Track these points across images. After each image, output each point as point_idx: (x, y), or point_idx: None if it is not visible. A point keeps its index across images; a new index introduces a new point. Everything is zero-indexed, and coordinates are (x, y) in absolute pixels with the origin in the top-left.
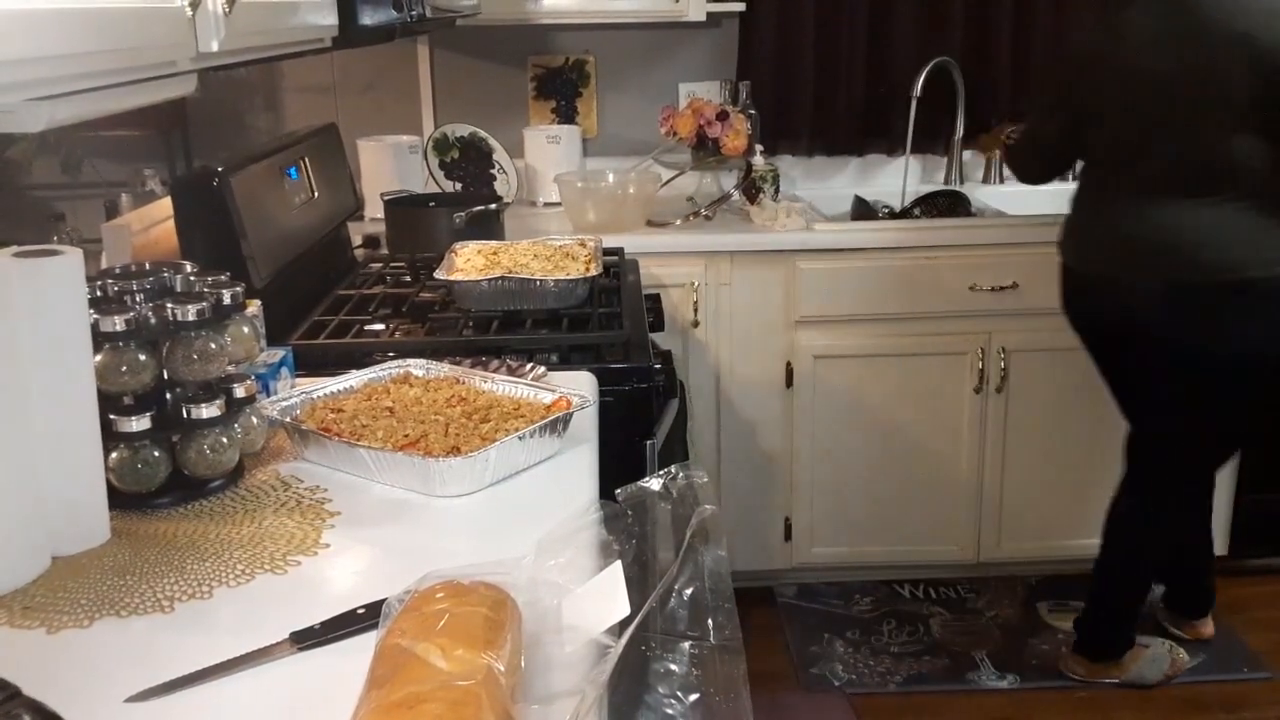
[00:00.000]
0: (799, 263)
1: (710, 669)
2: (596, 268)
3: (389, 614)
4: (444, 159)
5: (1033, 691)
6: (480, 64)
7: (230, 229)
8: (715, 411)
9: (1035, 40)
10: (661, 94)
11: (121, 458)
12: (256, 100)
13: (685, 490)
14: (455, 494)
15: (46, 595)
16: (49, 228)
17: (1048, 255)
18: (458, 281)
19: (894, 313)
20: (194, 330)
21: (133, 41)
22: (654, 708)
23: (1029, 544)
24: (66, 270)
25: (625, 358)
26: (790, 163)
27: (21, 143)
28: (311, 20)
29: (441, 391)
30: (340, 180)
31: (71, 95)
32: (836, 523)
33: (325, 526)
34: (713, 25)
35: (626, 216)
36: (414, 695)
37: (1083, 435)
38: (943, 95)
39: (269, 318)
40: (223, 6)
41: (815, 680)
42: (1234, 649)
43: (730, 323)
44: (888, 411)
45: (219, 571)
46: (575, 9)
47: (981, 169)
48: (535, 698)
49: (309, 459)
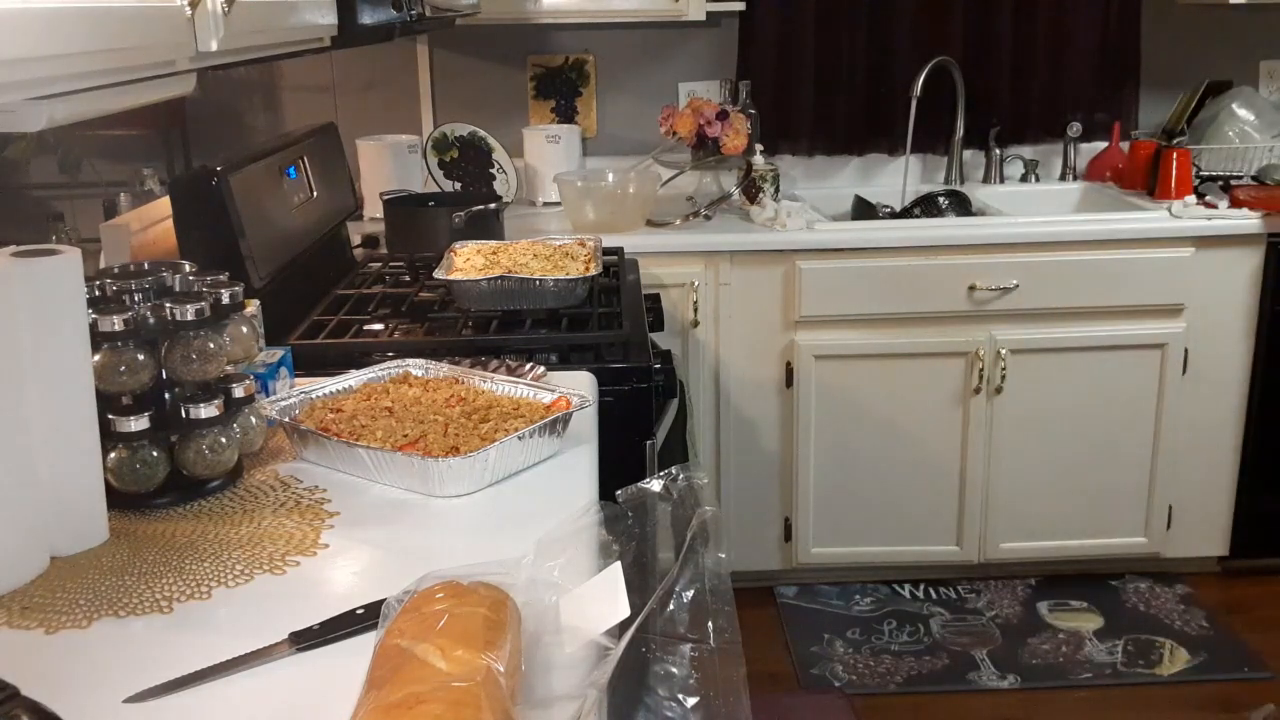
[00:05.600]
0: (799, 263)
1: (710, 672)
2: (596, 267)
3: (388, 614)
4: (443, 158)
5: (1033, 691)
6: (480, 63)
7: (229, 228)
8: (715, 411)
9: (1035, 40)
10: (661, 94)
11: (120, 458)
12: (255, 100)
13: (686, 492)
14: (454, 494)
15: (45, 595)
16: (47, 227)
17: (1048, 255)
18: (457, 281)
19: (894, 313)
20: (193, 330)
21: (132, 41)
22: (654, 710)
23: (1029, 544)
24: (65, 270)
25: (625, 357)
26: (790, 162)
27: (20, 142)
28: (311, 20)
29: (441, 391)
30: (339, 180)
31: (70, 94)
32: (836, 523)
33: (324, 527)
34: (713, 25)
35: (626, 216)
36: (413, 696)
37: (1082, 435)
38: (943, 95)
39: (268, 317)
40: (222, 6)
41: (815, 680)
42: (1234, 649)
43: (730, 322)
44: (888, 411)
45: (218, 572)
46: (575, 8)
47: (981, 169)
48: (535, 699)
49: (308, 459)
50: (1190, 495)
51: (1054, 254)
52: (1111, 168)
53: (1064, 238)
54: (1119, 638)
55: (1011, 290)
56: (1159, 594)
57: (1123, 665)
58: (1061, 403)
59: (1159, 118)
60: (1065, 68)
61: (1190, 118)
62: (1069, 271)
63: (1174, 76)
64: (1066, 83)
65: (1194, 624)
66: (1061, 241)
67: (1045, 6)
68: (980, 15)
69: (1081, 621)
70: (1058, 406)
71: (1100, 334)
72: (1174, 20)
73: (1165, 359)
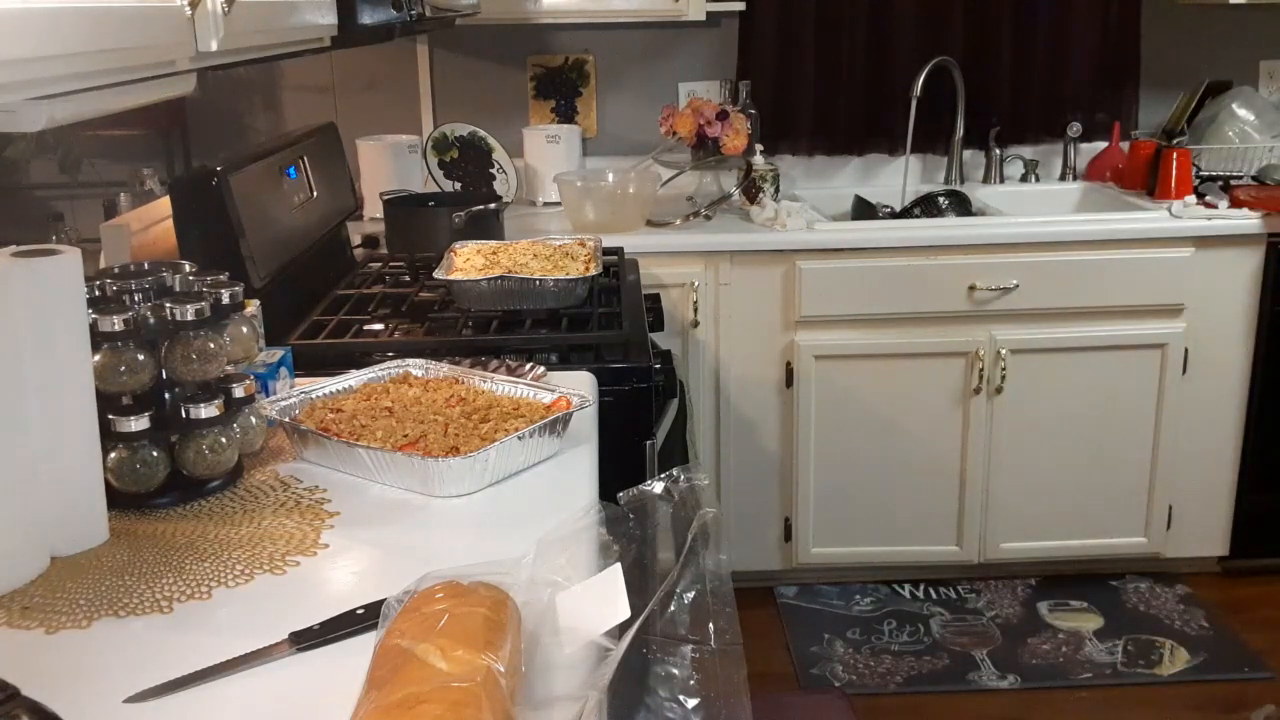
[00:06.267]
0: (799, 262)
1: (711, 673)
2: (596, 267)
3: (388, 614)
4: (443, 158)
5: (1033, 691)
6: (480, 64)
7: (229, 229)
8: (715, 412)
9: (1035, 40)
10: (661, 94)
11: (120, 458)
12: (255, 100)
13: (686, 493)
14: (454, 494)
15: (45, 595)
16: (48, 227)
17: (1048, 255)
18: (457, 281)
19: (894, 313)
20: (193, 330)
21: (132, 41)
22: (655, 711)
23: (1029, 544)
24: (65, 270)
25: (625, 357)
26: (790, 163)
27: (20, 142)
28: (311, 20)
29: (441, 391)
30: (339, 180)
31: (70, 95)
32: (836, 523)
33: (324, 527)
34: (713, 25)
35: (626, 216)
36: (413, 696)
37: (1082, 435)
38: (943, 95)
39: (268, 317)
40: (222, 6)
41: (815, 680)
42: (1234, 649)
43: (730, 322)
44: (888, 411)
45: (218, 572)
46: (575, 8)
47: (981, 169)
48: (535, 700)
49: (308, 459)
50: (1190, 495)
51: (1054, 254)
52: (1111, 168)
53: (1064, 238)
54: (1119, 638)
55: (1011, 290)
56: (1159, 594)
57: (1123, 665)
58: (1061, 403)
59: (1159, 118)
60: (1065, 68)
61: (1190, 118)
62: (1069, 271)
63: (1174, 76)
64: (1066, 83)
65: (1194, 624)
66: (1061, 241)
67: (1045, 6)
68: (980, 15)
69: (1081, 621)
70: (1058, 406)
71: (1100, 334)
72: (1174, 20)
73: (1165, 359)
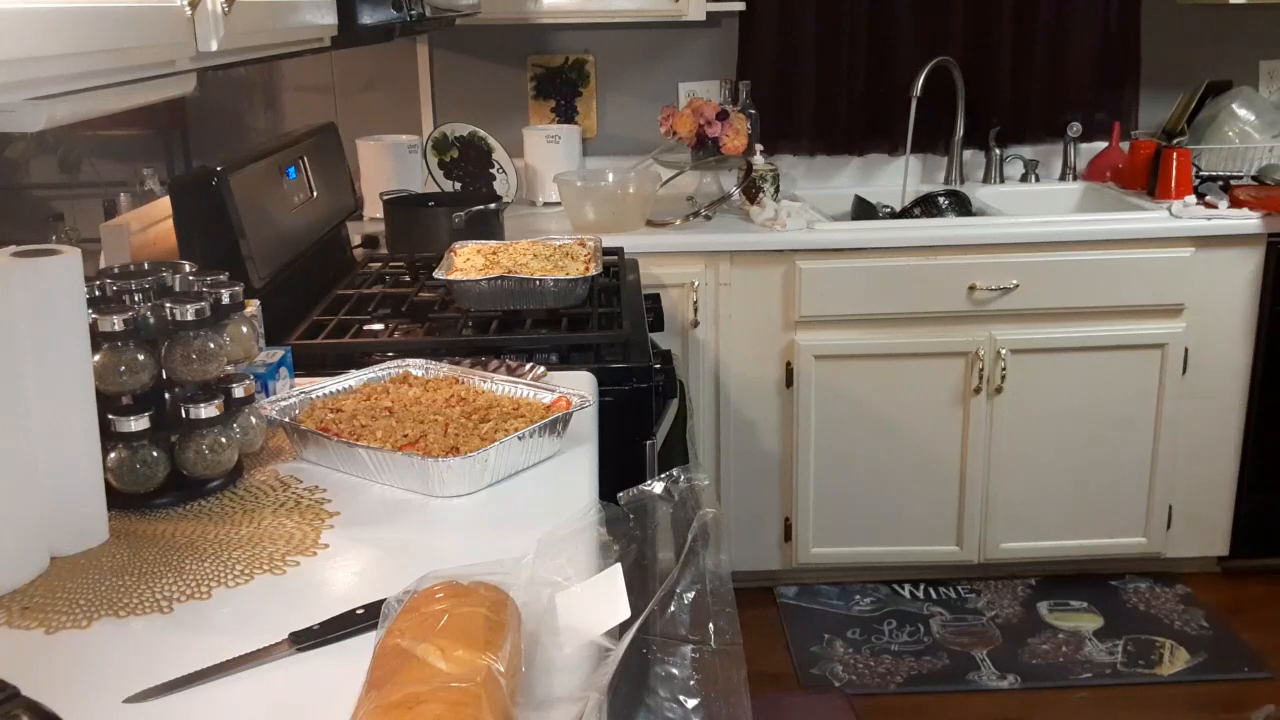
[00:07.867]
0: (799, 263)
1: (711, 673)
2: (596, 267)
3: (388, 614)
4: (443, 158)
5: (1033, 691)
6: (480, 63)
7: (229, 229)
8: (715, 411)
9: (1035, 40)
10: (661, 94)
11: (120, 458)
12: (255, 100)
13: (686, 493)
14: (454, 494)
15: (45, 595)
16: (48, 227)
17: (1048, 255)
18: (457, 281)
19: (894, 313)
20: (193, 330)
21: (132, 41)
22: (655, 711)
23: (1029, 544)
24: (65, 270)
25: (625, 358)
26: (790, 162)
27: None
28: (311, 20)
29: (441, 391)
30: (339, 180)
31: (70, 94)
32: (836, 523)
33: (324, 527)
34: (712, 25)
35: (626, 216)
36: (413, 696)
37: (1082, 435)
38: (943, 95)
39: (268, 317)
40: (222, 6)
41: (815, 680)
42: (1234, 649)
43: (730, 322)
44: (888, 411)
45: (218, 572)
46: (575, 9)
47: (981, 169)
48: (535, 700)
49: (308, 459)
50: (1190, 495)
51: (1054, 254)
52: (1111, 168)
53: (1064, 238)
54: (1119, 638)
55: (1011, 290)
56: (1159, 594)
57: (1123, 665)
58: (1061, 403)
59: (1159, 118)
60: (1065, 68)
61: (1190, 118)
62: (1069, 271)
63: (1174, 76)
64: (1066, 83)
65: (1194, 624)
66: (1061, 241)
67: (1045, 6)
68: (980, 15)
69: (1081, 621)
70: (1058, 406)
71: (1100, 334)
72: (1174, 20)
73: (1165, 359)
